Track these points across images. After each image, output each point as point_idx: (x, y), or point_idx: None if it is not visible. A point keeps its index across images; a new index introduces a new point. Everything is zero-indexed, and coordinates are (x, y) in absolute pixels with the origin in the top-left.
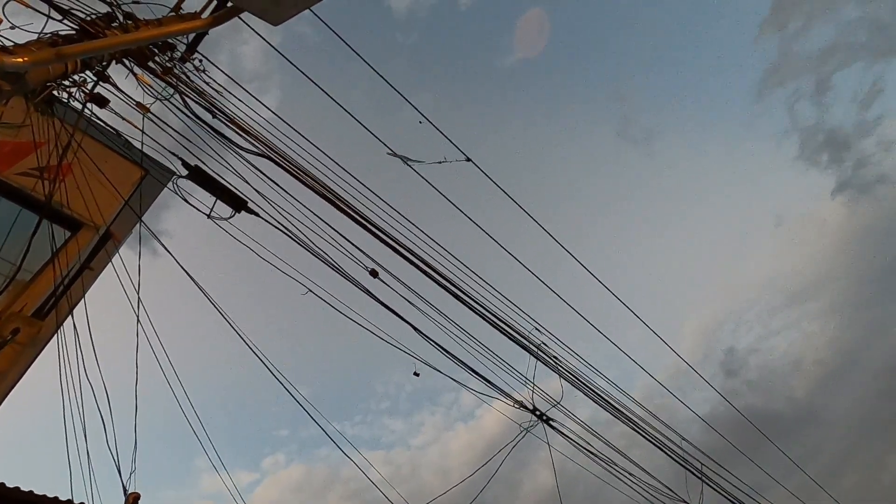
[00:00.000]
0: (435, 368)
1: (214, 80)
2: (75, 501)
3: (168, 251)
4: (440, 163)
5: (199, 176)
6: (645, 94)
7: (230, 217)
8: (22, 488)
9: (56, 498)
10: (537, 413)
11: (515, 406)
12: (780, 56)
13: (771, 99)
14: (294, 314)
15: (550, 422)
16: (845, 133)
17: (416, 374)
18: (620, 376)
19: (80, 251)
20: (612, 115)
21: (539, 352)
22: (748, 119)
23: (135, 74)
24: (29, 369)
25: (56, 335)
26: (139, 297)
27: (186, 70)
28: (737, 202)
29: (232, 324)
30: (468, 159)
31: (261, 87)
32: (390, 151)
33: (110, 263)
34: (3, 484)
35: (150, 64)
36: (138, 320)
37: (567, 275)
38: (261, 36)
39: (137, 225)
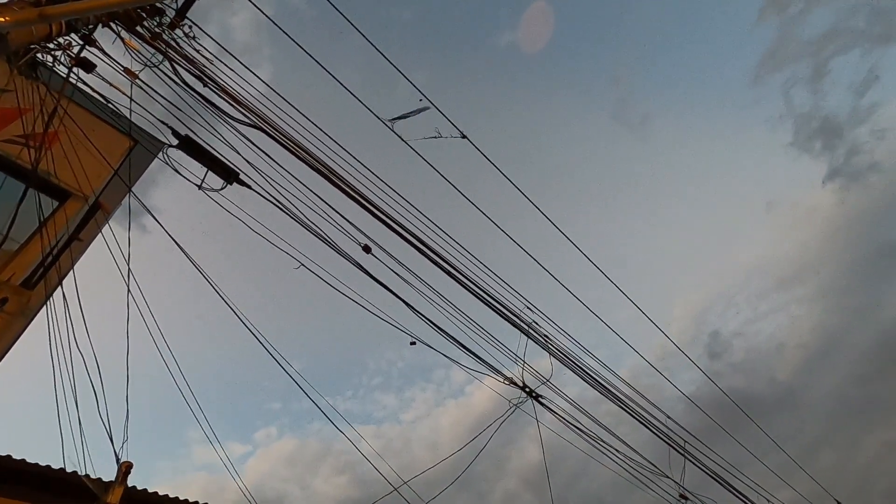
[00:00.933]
0: (427, 344)
1: (205, 48)
2: (68, 470)
3: (159, 222)
4: (435, 138)
5: (189, 146)
6: (641, 77)
7: (221, 188)
8: (14, 456)
9: (48, 466)
10: (527, 390)
11: (505, 382)
12: (778, 40)
13: (767, 84)
14: (287, 288)
15: (539, 398)
16: (839, 120)
17: (413, 343)
18: (610, 356)
19: (68, 221)
20: (608, 97)
21: (530, 330)
22: (744, 103)
23: (122, 39)
24: (19, 339)
25: (45, 305)
26: (129, 268)
27: (176, 36)
28: (729, 186)
29: (223, 296)
30: (463, 136)
31: (252, 61)
32: (387, 125)
33: (100, 234)
34: None
35: (139, 29)
36: (129, 291)
37: (560, 255)
38: (253, 3)
39: (127, 196)
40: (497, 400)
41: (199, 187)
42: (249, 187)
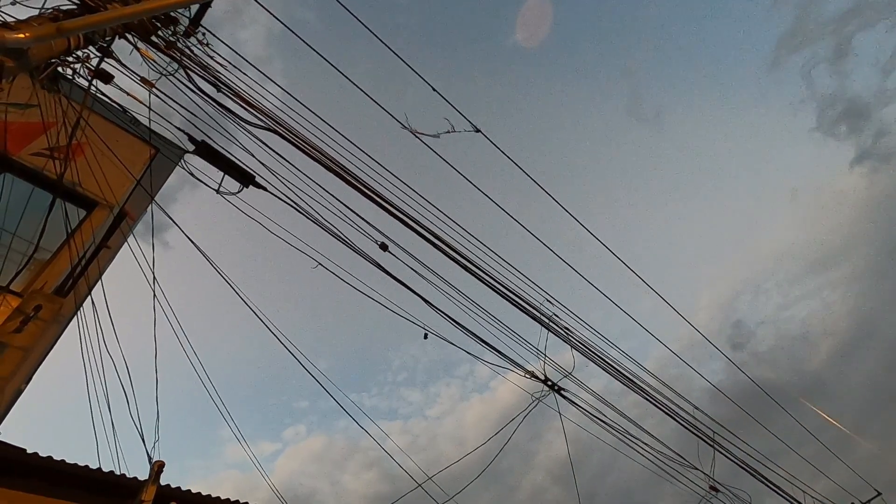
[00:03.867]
0: (447, 340)
1: (219, 54)
2: (104, 470)
3: (180, 228)
4: (448, 132)
5: (206, 151)
6: (654, 69)
7: (238, 192)
8: (54, 457)
9: (86, 466)
10: (549, 383)
11: (527, 377)
12: (797, 20)
13: (787, 67)
14: (309, 289)
15: (562, 392)
16: (865, 101)
17: (426, 337)
18: (634, 347)
19: (94, 230)
20: (622, 91)
21: (550, 323)
22: (763, 89)
23: (138, 49)
24: (55, 346)
25: (77, 312)
26: (153, 274)
27: (190, 44)
28: (752, 174)
29: (245, 299)
30: (477, 130)
31: (263, 69)
32: (401, 123)
33: (126, 243)
34: (35, 453)
35: (154, 39)
36: (154, 295)
37: (580, 247)
38: (265, 8)
39: (150, 204)
40: (521, 394)
41: (217, 191)
42: (266, 189)
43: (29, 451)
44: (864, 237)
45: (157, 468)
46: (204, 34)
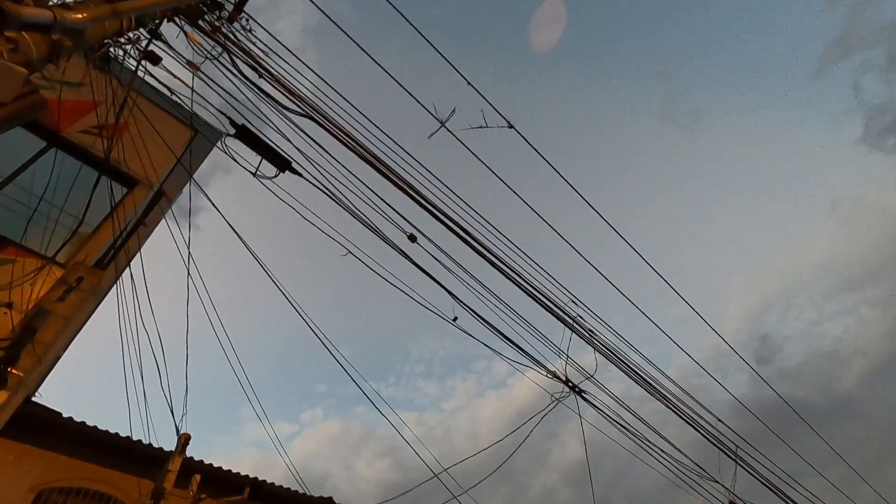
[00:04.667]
0: (470, 335)
1: (260, 40)
2: (133, 438)
3: (216, 207)
4: (482, 127)
5: (245, 135)
6: (693, 73)
7: (274, 176)
8: (87, 423)
9: (117, 434)
10: (570, 384)
11: (548, 376)
12: (848, 26)
13: (834, 75)
14: (338, 277)
15: (583, 394)
16: None
17: (455, 319)
18: (658, 354)
19: (136, 207)
20: (657, 93)
21: (574, 324)
22: (807, 97)
23: (185, 33)
24: (93, 316)
25: (115, 286)
26: (189, 252)
27: (234, 30)
28: (790, 184)
29: (276, 282)
30: (510, 126)
31: (301, 58)
32: (437, 117)
33: (164, 220)
34: (71, 418)
35: (200, 23)
36: (188, 273)
37: (608, 250)
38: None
39: (188, 183)
40: (539, 393)
41: (255, 175)
42: (301, 175)
43: (64, 415)
44: None
45: (184, 440)
46: (247, 20)
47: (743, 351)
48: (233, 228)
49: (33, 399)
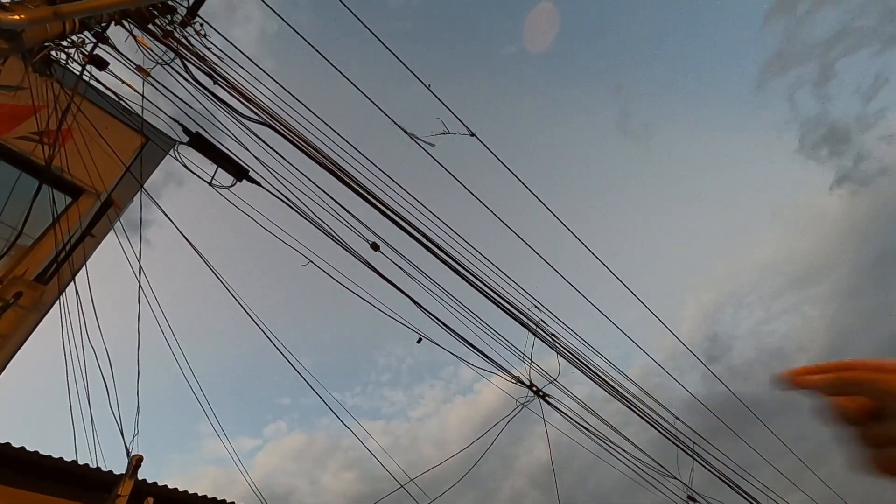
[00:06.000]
0: (434, 342)
1: (215, 45)
2: (80, 463)
3: (168, 217)
4: (443, 134)
5: (200, 143)
6: (643, 85)
7: (231, 185)
8: (27, 448)
9: (61, 458)
10: (534, 388)
11: (512, 381)
12: (784, 42)
13: (772, 89)
14: (297, 286)
15: (547, 398)
16: (846, 126)
17: (419, 341)
18: (619, 356)
19: (80, 217)
20: (611, 106)
21: (537, 328)
22: (748, 109)
23: (134, 36)
24: (33, 333)
25: (59, 300)
26: (140, 265)
27: (187, 34)
28: (735, 192)
29: (233, 293)
30: (472, 134)
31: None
32: (397, 124)
33: (112, 231)
34: (8, 444)
35: (151, 27)
36: (140, 286)
37: (568, 256)
38: (265, 2)
39: (139, 193)
40: (505, 398)
41: (210, 184)
42: (259, 184)
43: (1, 441)
44: (843, 257)
45: (136, 462)
46: (202, 24)
47: (698, 349)
48: (184, 236)
49: None
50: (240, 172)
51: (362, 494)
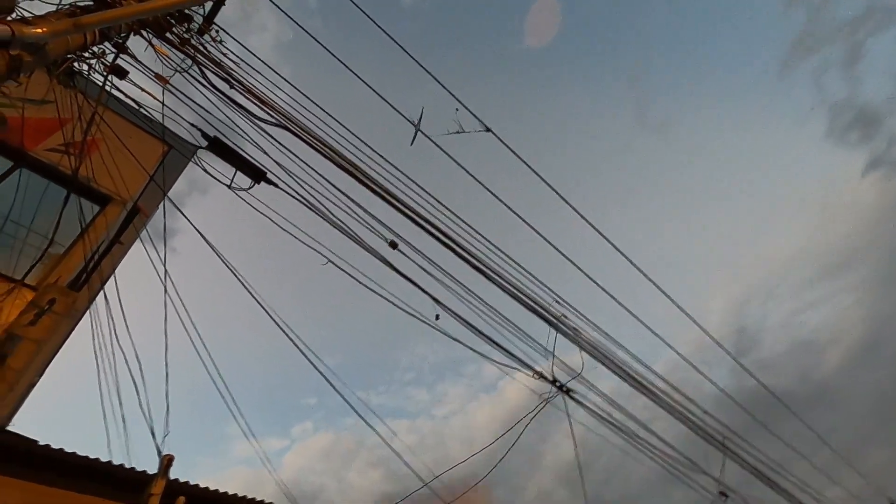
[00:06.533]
0: (456, 339)
1: (231, 51)
2: (114, 463)
3: (192, 224)
4: (459, 132)
5: (218, 147)
6: (660, 76)
7: (249, 188)
8: (66, 450)
9: (97, 459)
10: (557, 384)
11: (535, 377)
12: (808, 23)
13: (797, 73)
14: (320, 288)
15: (570, 393)
16: (877, 108)
17: (437, 318)
18: (644, 351)
19: (108, 225)
20: (628, 99)
21: (559, 323)
22: (772, 95)
23: (153, 46)
24: (68, 340)
25: (90, 307)
26: (165, 269)
27: (203, 42)
28: (761, 181)
29: (256, 297)
30: (487, 129)
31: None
32: (411, 122)
33: (139, 239)
34: (48, 445)
35: (168, 36)
36: (165, 290)
37: (591, 252)
38: (277, 6)
39: (163, 200)
40: (530, 394)
41: (229, 187)
42: (277, 186)
43: (41, 442)
44: (878, 242)
45: (167, 462)
46: (217, 31)
47: (725, 343)
48: (208, 242)
49: (8, 429)
50: (258, 175)
51: (390, 493)
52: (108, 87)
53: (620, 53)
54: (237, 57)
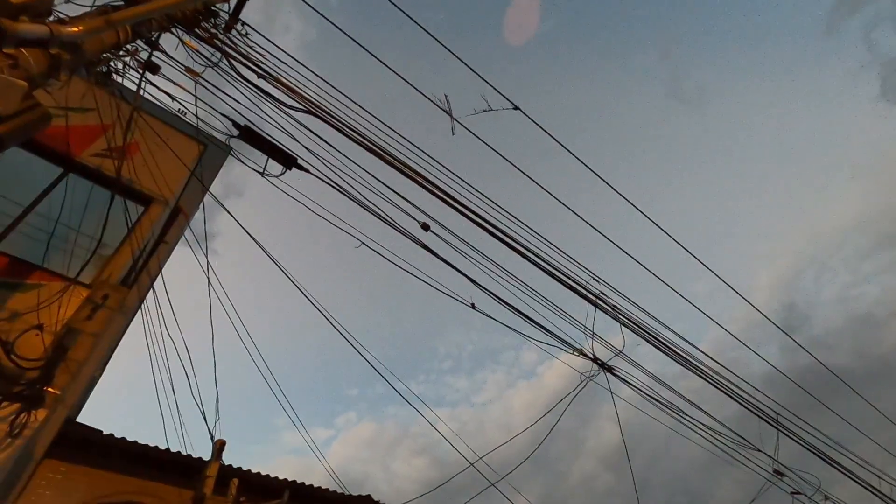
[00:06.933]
0: (494, 318)
1: (258, 45)
2: (172, 450)
3: (236, 220)
4: (486, 111)
5: (249, 135)
6: (695, 47)
7: (281, 174)
8: (128, 438)
9: (156, 447)
10: (598, 362)
11: (575, 354)
12: None
13: (845, 30)
14: (361, 279)
15: (613, 371)
16: None
17: (473, 307)
18: (689, 329)
19: (152, 224)
20: (661, 73)
21: (598, 300)
22: (818, 56)
23: (182, 41)
24: (125, 337)
25: (141, 305)
26: (208, 262)
27: (231, 37)
28: (809, 148)
29: (303, 290)
30: (516, 107)
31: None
32: (437, 105)
33: (183, 238)
34: (111, 434)
35: (198, 31)
36: (209, 282)
37: (631, 231)
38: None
39: (203, 197)
40: (570, 379)
41: (262, 174)
42: (308, 171)
43: (105, 432)
44: None
45: (220, 446)
46: (243, 25)
47: (776, 320)
48: (254, 239)
49: (77, 420)
50: (289, 161)
51: (434, 479)
52: (143, 84)
53: (650, 27)
54: (264, 50)
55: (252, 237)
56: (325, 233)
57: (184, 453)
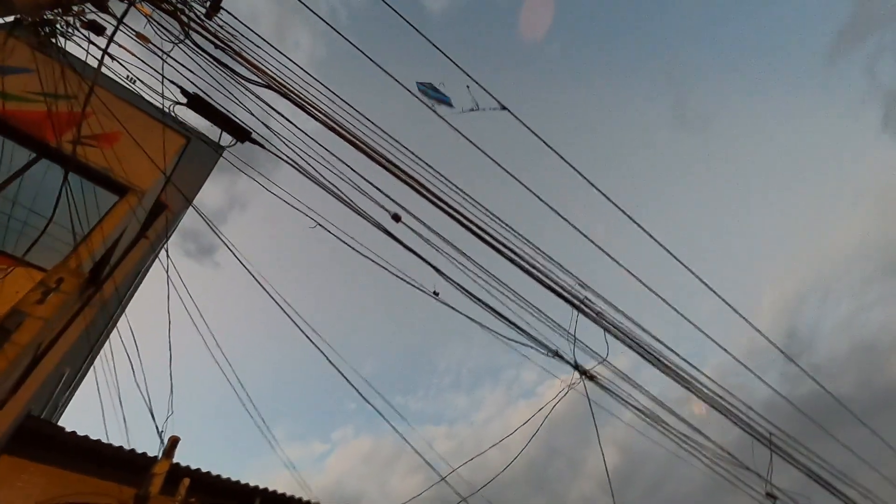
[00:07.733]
0: (459, 311)
1: (220, 18)
2: (138, 452)
3: (222, 239)
4: (472, 110)
5: (198, 104)
6: (698, 73)
7: (230, 145)
8: (78, 433)
9: (111, 444)
10: (580, 368)
11: (550, 356)
12: (859, 6)
13: (847, 61)
14: (355, 296)
15: (594, 378)
16: None
17: (436, 294)
18: (693, 352)
19: (125, 216)
20: (665, 98)
21: (582, 305)
22: (821, 87)
23: (134, 5)
24: (100, 340)
25: (123, 300)
26: (168, 258)
27: (192, 3)
28: (812, 175)
29: (282, 307)
30: (503, 107)
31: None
32: (421, 100)
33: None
34: (62, 428)
35: (164, 5)
36: (168, 278)
37: (637, 253)
38: None
39: (165, 186)
40: (567, 398)
41: (218, 149)
42: (263, 146)
43: (67, 430)
44: None
45: (172, 443)
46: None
47: (780, 343)
48: (246, 267)
49: (36, 416)
50: (242, 133)
51: (429, 498)
52: (87, 48)
53: (655, 49)
54: (223, 21)
55: (247, 267)
56: (327, 246)
57: (138, 451)
